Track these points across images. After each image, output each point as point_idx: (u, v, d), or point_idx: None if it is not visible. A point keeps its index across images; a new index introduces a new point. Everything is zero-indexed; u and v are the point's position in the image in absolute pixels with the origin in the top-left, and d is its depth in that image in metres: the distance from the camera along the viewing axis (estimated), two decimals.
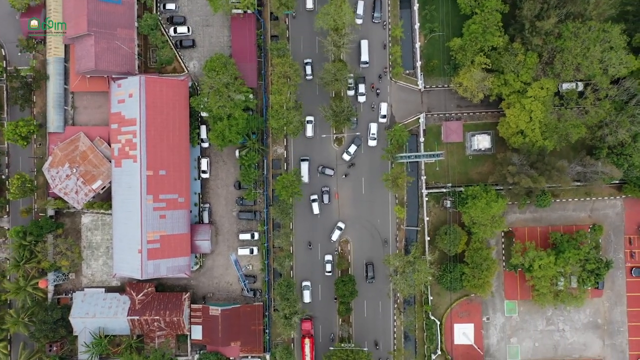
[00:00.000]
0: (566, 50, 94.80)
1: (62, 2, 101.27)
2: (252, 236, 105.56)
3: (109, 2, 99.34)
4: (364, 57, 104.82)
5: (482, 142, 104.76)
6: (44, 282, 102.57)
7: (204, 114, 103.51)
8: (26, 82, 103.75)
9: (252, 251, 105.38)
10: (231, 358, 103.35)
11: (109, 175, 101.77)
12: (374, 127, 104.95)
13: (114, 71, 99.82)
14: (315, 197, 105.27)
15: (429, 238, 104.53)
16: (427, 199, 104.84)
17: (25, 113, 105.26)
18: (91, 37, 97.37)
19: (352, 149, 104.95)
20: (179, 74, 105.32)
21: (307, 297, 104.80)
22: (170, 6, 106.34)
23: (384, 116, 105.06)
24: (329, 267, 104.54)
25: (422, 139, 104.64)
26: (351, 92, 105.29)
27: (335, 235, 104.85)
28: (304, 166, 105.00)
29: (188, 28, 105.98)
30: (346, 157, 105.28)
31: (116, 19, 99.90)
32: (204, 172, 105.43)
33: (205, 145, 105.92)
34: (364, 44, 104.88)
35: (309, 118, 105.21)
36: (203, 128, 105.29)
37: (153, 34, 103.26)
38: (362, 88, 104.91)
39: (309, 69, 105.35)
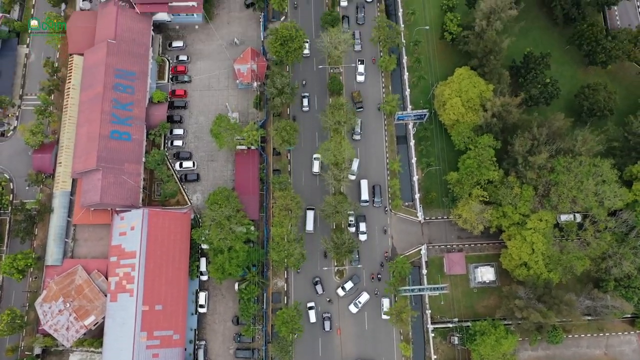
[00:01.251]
0: (560, 184, 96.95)
1: (75, 139, 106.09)
2: None
3: (120, 140, 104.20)
4: (364, 196, 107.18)
5: (486, 274, 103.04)
6: None
7: (204, 246, 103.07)
8: (30, 215, 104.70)
9: None
10: None
11: (103, 310, 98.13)
12: (364, 297, 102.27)
13: (118, 204, 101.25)
14: (312, 304, 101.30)
15: None
16: (433, 334, 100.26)
17: (25, 246, 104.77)
18: (99, 172, 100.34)
19: (349, 285, 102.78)
20: (182, 207, 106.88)
21: None
22: (178, 143, 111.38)
23: (386, 311, 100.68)
24: None
25: (424, 271, 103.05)
26: (352, 229, 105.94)
27: None
28: (310, 215, 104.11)
29: (193, 163, 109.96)
30: (341, 292, 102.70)
31: (124, 155, 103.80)
32: (201, 306, 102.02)
33: (204, 278, 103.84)
34: (364, 183, 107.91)
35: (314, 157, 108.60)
36: (203, 260, 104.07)
37: (159, 168, 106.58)
38: (362, 227, 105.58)
39: (305, 102, 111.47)
